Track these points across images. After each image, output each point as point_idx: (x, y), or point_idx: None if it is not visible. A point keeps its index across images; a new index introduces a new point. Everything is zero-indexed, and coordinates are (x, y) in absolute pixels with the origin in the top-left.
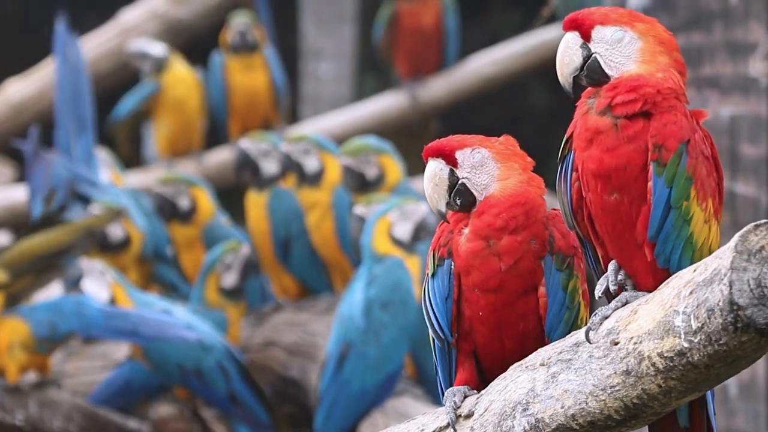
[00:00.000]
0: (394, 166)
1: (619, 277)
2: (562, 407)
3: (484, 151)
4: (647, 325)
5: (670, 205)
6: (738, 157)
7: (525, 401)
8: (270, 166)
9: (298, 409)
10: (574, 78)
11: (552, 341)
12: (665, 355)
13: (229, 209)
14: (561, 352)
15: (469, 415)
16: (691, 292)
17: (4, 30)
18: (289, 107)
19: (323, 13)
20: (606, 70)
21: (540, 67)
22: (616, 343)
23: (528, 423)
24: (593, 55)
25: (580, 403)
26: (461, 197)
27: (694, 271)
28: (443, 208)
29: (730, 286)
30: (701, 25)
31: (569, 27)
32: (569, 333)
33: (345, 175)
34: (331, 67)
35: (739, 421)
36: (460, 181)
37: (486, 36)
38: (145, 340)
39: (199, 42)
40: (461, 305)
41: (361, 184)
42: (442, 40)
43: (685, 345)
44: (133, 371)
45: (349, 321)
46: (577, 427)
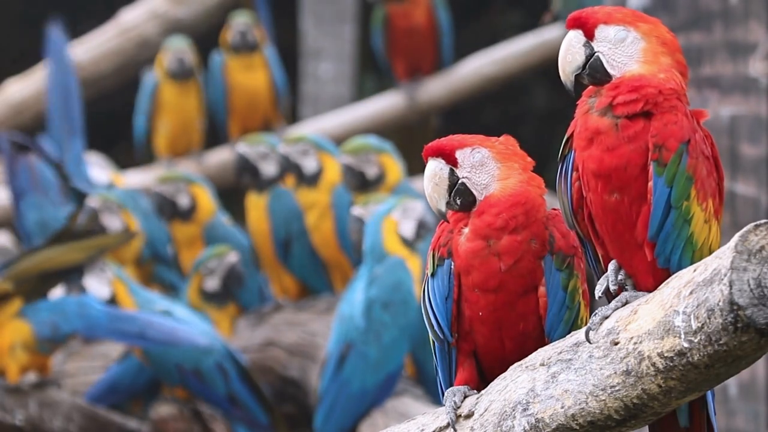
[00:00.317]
0: (394, 166)
1: (619, 277)
2: (562, 407)
3: (484, 150)
4: (647, 325)
5: (671, 205)
6: (738, 157)
7: (525, 401)
8: (269, 168)
9: (298, 409)
10: (576, 76)
11: (552, 341)
12: (665, 355)
13: (229, 209)
14: (561, 352)
15: (469, 415)
16: (691, 292)
17: (5, 30)
18: (289, 107)
19: (323, 13)
20: (608, 69)
21: (540, 67)
22: (616, 343)
23: (528, 423)
24: (596, 53)
25: (580, 403)
26: (461, 197)
27: (694, 271)
28: (443, 208)
29: (730, 286)
30: (701, 25)
31: (573, 25)
32: (569, 333)
33: (345, 174)
34: (331, 67)
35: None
36: (460, 181)
37: (486, 36)
38: (153, 344)
39: (199, 42)
40: (461, 305)
41: (361, 183)
42: (436, 38)
43: (685, 345)
44: (127, 369)
45: (350, 321)
46: (577, 427)
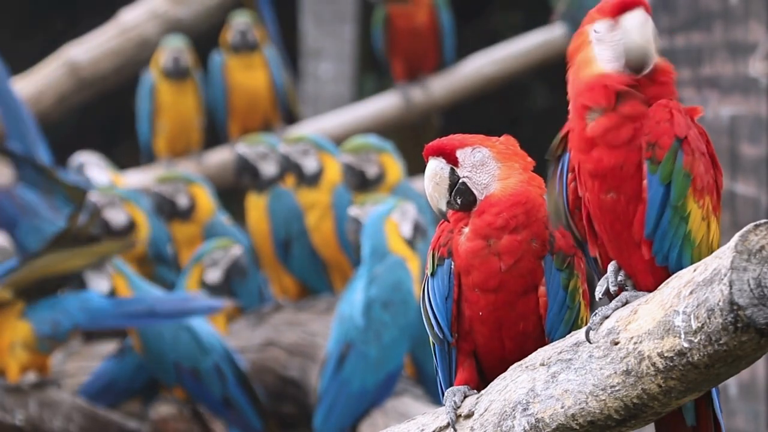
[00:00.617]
0: (394, 165)
1: (619, 277)
2: (562, 407)
3: (484, 150)
4: (647, 325)
5: (666, 202)
6: (738, 157)
7: (525, 401)
8: (269, 168)
9: (297, 409)
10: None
11: (552, 341)
12: (665, 355)
13: (229, 209)
14: (561, 352)
15: (469, 415)
16: (691, 292)
17: (5, 30)
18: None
19: (323, 13)
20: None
21: (540, 67)
22: (616, 343)
23: (528, 423)
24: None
25: (580, 403)
26: (462, 196)
27: (694, 270)
28: (444, 207)
29: (730, 286)
30: (701, 25)
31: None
32: (569, 333)
33: (345, 173)
34: (331, 67)
35: (739, 421)
36: (460, 180)
37: (486, 36)
38: (164, 319)
39: (199, 42)
40: (461, 305)
41: (361, 182)
42: (438, 38)
43: (685, 345)
44: (124, 368)
45: (350, 320)
46: (577, 427)
